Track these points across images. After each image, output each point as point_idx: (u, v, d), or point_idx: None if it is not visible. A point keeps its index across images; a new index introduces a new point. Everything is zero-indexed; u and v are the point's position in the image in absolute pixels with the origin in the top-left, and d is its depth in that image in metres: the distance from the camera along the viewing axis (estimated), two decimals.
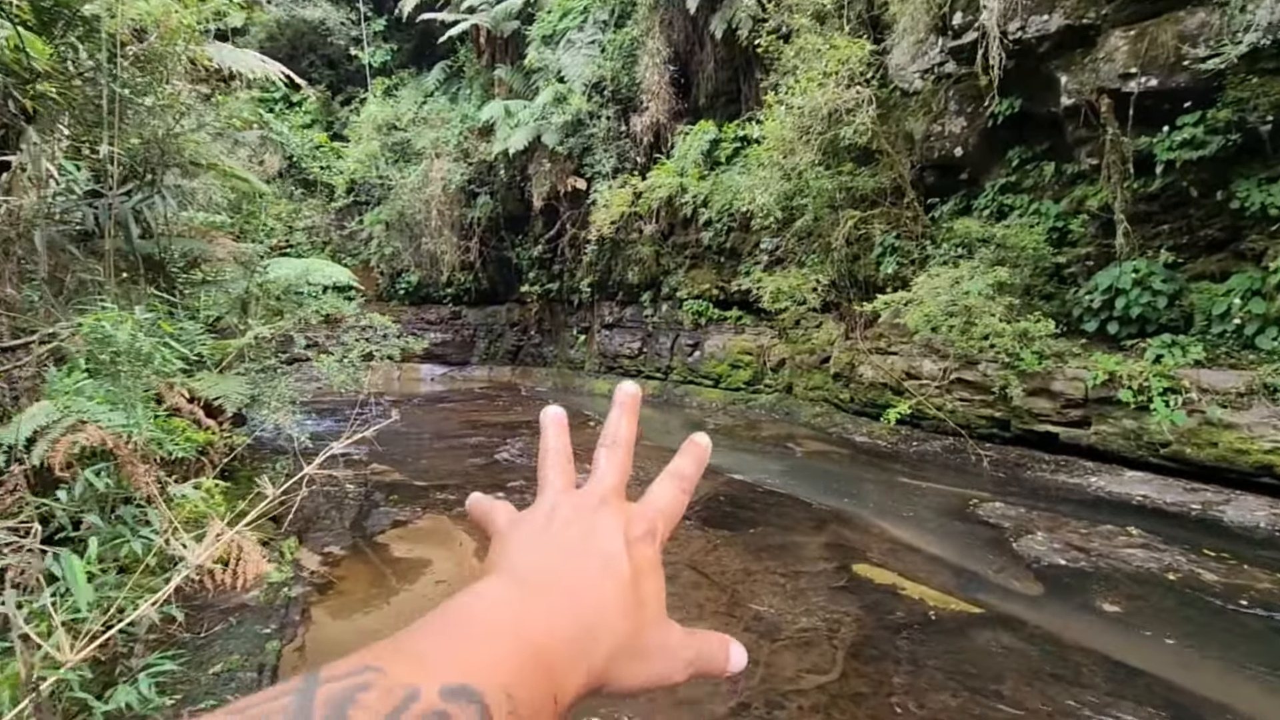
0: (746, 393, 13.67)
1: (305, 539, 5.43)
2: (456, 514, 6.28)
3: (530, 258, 17.47)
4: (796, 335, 13.00)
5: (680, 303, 14.95)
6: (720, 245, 14.06)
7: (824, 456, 9.04)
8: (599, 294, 16.58)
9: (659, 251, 15.06)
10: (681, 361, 14.83)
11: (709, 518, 6.16)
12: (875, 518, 6.20)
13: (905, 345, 10.05)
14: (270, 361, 5.76)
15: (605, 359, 16.54)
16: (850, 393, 11.07)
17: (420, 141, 17.33)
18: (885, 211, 9.90)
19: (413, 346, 7.74)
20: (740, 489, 7.25)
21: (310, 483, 6.96)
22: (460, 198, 17.15)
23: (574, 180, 15.31)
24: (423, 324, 19.83)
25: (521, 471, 8.02)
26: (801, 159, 8.96)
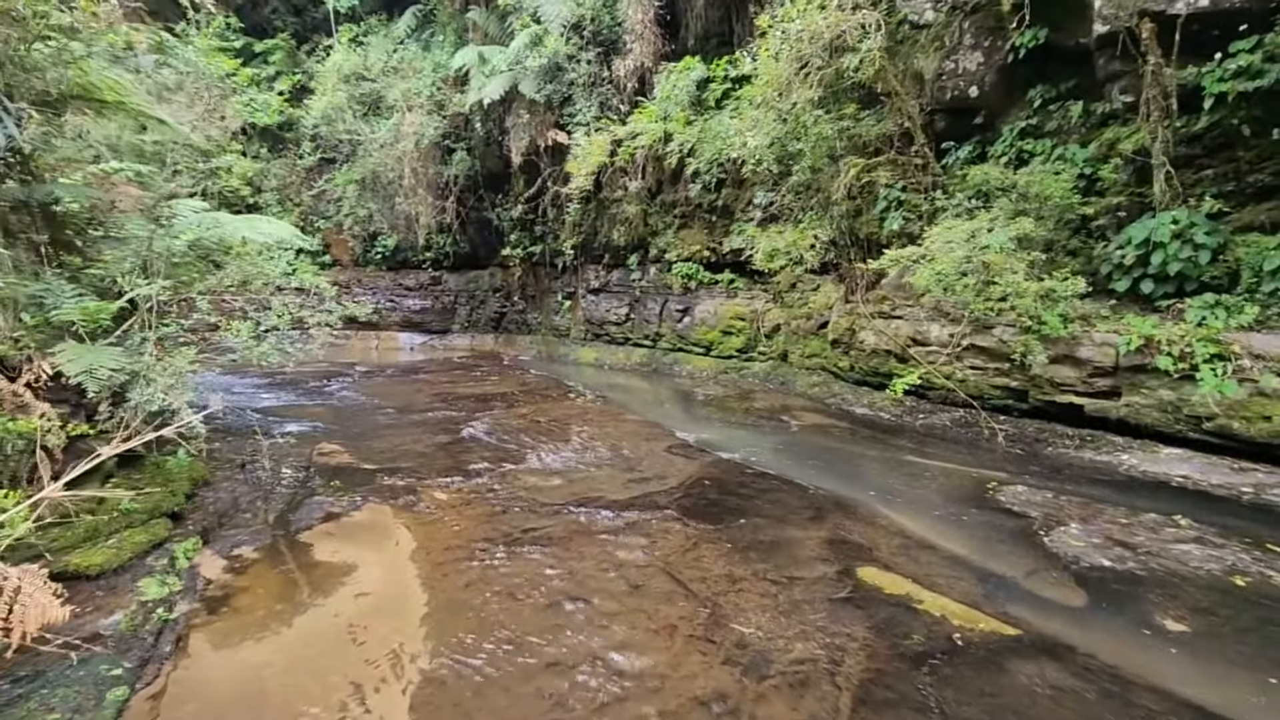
0: (739, 361, 12.83)
1: (213, 538, 4.61)
2: (402, 503, 5.47)
3: (511, 219, 16.44)
4: (792, 299, 12.12)
5: (669, 265, 14.02)
6: (711, 203, 13.07)
7: (822, 431, 8.24)
8: (583, 257, 15.61)
9: (646, 210, 14.05)
10: (671, 328, 13.96)
11: (691, 507, 5.36)
12: (881, 505, 5.41)
13: (911, 308, 9.18)
14: (168, 329, 4.85)
15: (591, 326, 15.65)
16: (850, 360, 10.24)
17: (391, 94, 16.13)
18: (891, 160, 8.92)
19: (354, 312, 6.84)
20: (728, 471, 6.44)
21: (241, 469, 6.14)
22: (435, 154, 16.03)
23: (554, 133, 14.20)
24: (401, 290, 18.87)
25: (485, 450, 7.20)
26: (799, 97, 7.96)
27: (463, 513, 5.29)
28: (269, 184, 18.51)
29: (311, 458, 6.87)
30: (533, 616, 3.61)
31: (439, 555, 4.46)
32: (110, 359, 3.86)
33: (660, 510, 5.29)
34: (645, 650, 3.26)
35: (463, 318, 18.56)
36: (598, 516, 5.16)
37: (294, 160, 18.07)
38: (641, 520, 5.06)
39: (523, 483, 6.07)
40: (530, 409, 9.66)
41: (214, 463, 6.18)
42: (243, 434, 7.63)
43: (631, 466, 6.63)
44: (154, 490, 4.68)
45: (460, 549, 4.54)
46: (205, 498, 5.16)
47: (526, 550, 4.51)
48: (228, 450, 6.76)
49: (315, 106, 16.15)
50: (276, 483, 5.97)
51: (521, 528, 4.93)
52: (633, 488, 5.92)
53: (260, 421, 8.53)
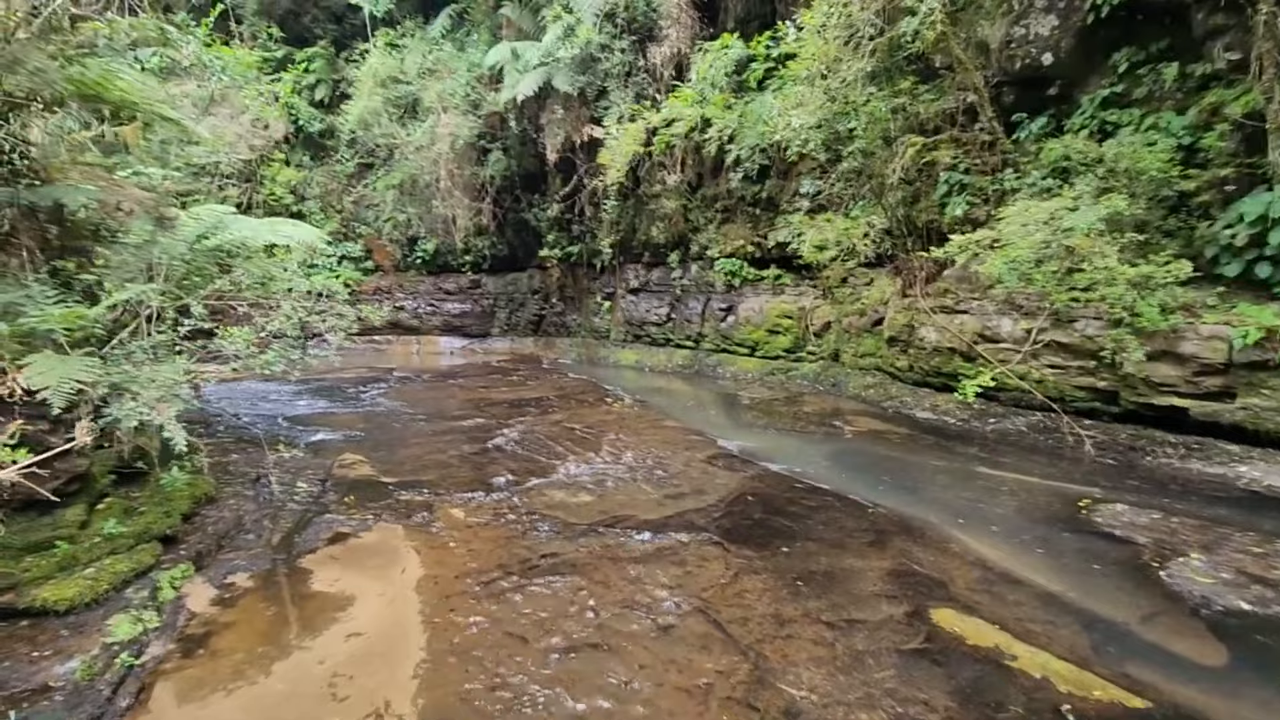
0: (786, 361, 12.10)
1: (207, 563, 4.24)
2: (415, 522, 5.03)
3: (548, 219, 16.06)
4: (843, 295, 11.33)
5: (711, 263, 13.38)
6: (754, 195, 12.38)
7: (879, 438, 7.49)
8: (622, 256, 15.10)
9: (686, 205, 13.45)
10: (713, 328, 13.31)
11: (733, 529, 4.74)
12: (953, 527, 4.68)
13: (978, 301, 8.32)
14: (160, 337, 4.51)
15: (631, 327, 15.12)
16: (909, 360, 9.41)
17: (427, 96, 15.95)
18: (954, 138, 8.08)
19: (371, 317, 6.45)
20: (775, 485, 5.79)
21: (254, 483, 5.81)
22: (471, 155, 15.78)
23: (589, 128, 13.74)
24: (441, 294, 18.73)
25: (511, 461, 6.73)
26: (849, 70, 7.22)
27: (479, 534, 4.80)
28: (311, 192, 18.62)
29: (331, 470, 6.52)
30: (544, 668, 3.07)
31: (447, 585, 3.97)
32: (82, 371, 3.50)
33: (698, 533, 4.69)
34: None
35: (502, 321, 18.29)
36: (627, 540, 4.60)
37: (335, 167, 18.13)
38: (676, 545, 4.48)
39: (548, 499, 5.56)
40: (564, 415, 9.19)
41: (226, 477, 5.88)
42: (266, 443, 7.37)
43: (668, 480, 6.05)
44: (148, 511, 4.34)
45: (472, 578, 4.05)
46: (207, 517, 4.81)
47: (545, 581, 3.98)
48: (244, 462, 6.47)
49: (352, 111, 16.10)
50: (289, 498, 5.61)
51: (541, 553, 4.41)
52: (668, 505, 5.34)
53: (287, 430, 8.28)
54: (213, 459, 6.52)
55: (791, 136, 8.20)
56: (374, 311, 6.43)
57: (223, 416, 8.76)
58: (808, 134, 7.96)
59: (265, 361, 5.15)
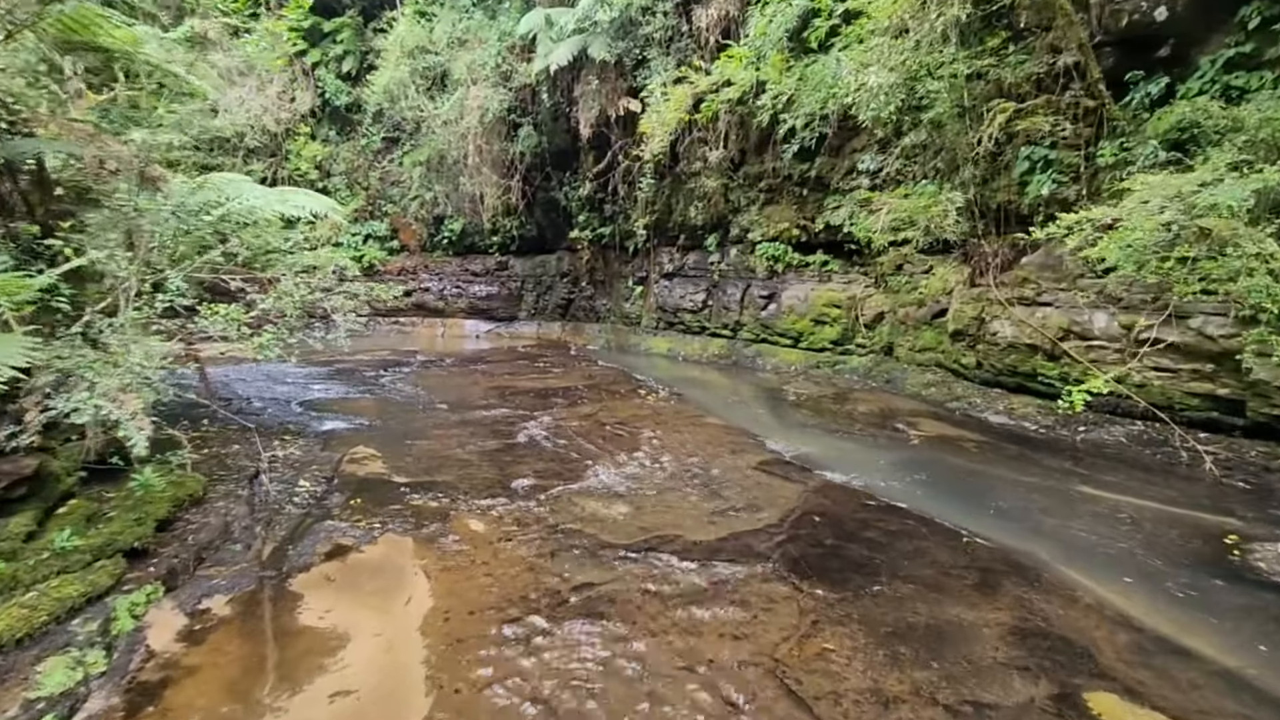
0: (833, 354, 11.20)
1: (181, 583, 3.59)
2: (427, 534, 4.33)
3: (579, 198, 15.27)
4: (898, 283, 10.40)
5: (752, 246, 12.49)
6: (802, 174, 11.45)
7: (951, 445, 6.62)
8: (657, 238, 14.27)
9: (727, 184, 12.55)
10: (753, 316, 12.44)
11: (800, 559, 3.96)
12: (1074, 568, 3.83)
13: (1066, 292, 7.37)
14: (133, 315, 3.84)
15: (664, 313, 14.31)
16: (977, 356, 8.48)
17: (456, 67, 15.21)
18: (1051, 104, 7.07)
19: (383, 295, 5.75)
20: (842, 501, 4.99)
21: (251, 480, 5.17)
22: (500, 130, 15.02)
23: (626, 101, 12.88)
24: (468, 276, 18.10)
25: (538, 461, 6.02)
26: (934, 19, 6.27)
27: (499, 553, 4.09)
28: (337, 167, 18.09)
29: (339, 465, 5.87)
30: None
31: (460, 625, 3.26)
32: (20, 352, 2.83)
33: (758, 561, 3.92)
34: None
35: (529, 304, 17.60)
36: (674, 569, 3.84)
37: (361, 142, 17.53)
38: (734, 579, 3.71)
39: (579, 509, 4.82)
40: (595, 408, 8.46)
41: (221, 472, 5.24)
42: (273, 432, 6.76)
43: (715, 490, 5.27)
44: (117, 517, 3.70)
45: (490, 616, 3.33)
46: (189, 523, 4.17)
47: (576, 625, 3.24)
48: (245, 454, 5.85)
49: (377, 82, 15.42)
50: (288, 499, 4.96)
51: (572, 582, 3.68)
52: (718, 523, 4.57)
53: (297, 418, 7.68)
54: (210, 450, 5.93)
55: (865, 99, 7.24)
56: (386, 290, 5.73)
57: (232, 401, 8.19)
58: (886, 94, 6.98)
59: (259, 345, 4.46)
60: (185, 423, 6.54)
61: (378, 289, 5.69)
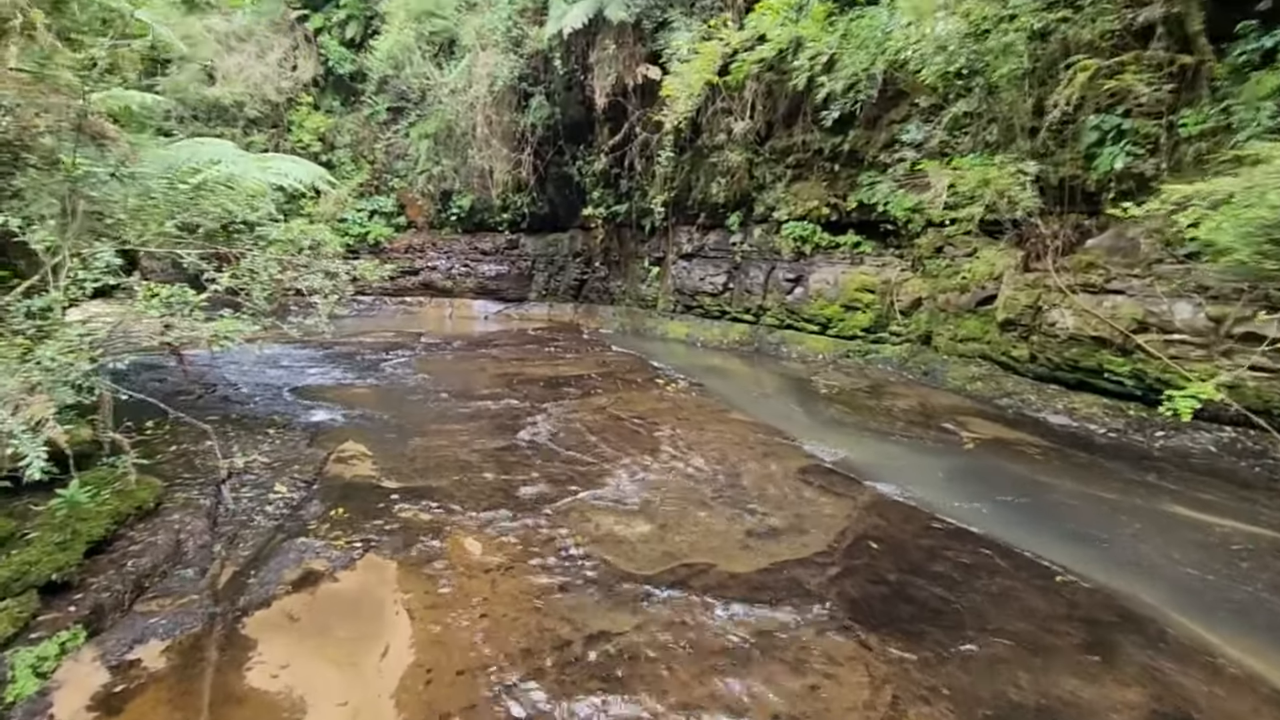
0: (865, 342, 10.43)
1: (111, 623, 2.96)
2: (415, 558, 3.68)
3: (594, 173, 14.44)
4: (938, 266, 9.58)
5: (778, 226, 11.67)
6: (833, 148, 10.60)
7: (1011, 451, 5.88)
8: (675, 216, 13.45)
9: (752, 159, 11.72)
10: (778, 301, 11.66)
11: (862, 601, 3.27)
12: (1204, 624, 3.12)
13: (1140, 279, 6.56)
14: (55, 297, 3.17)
15: (682, 296, 13.54)
16: (1030, 348, 7.69)
17: (464, 32, 14.36)
18: (1141, 59, 6.20)
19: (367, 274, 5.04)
20: (901, 522, 4.28)
21: (220, 485, 4.53)
22: (510, 99, 14.19)
23: (645, 68, 12.01)
24: (477, 254, 17.37)
25: (547, 464, 5.35)
26: None
27: (498, 585, 3.43)
28: (341, 140, 17.35)
29: (323, 465, 5.23)
30: None
31: (443, 690, 2.61)
32: None
33: (811, 603, 3.23)
34: None
35: (540, 285, 16.88)
36: (708, 613, 3.17)
37: (366, 113, 16.76)
38: (784, 628, 3.03)
39: (593, 527, 4.15)
40: (609, 399, 7.77)
41: (189, 475, 4.62)
42: (255, 425, 6.14)
43: (749, 504, 4.58)
44: (37, 541, 3.07)
45: (479, 680, 2.67)
46: (133, 542, 3.54)
47: (590, 690, 2.58)
48: (219, 451, 5.23)
49: (381, 47, 14.61)
50: (259, 508, 4.33)
51: (585, 630, 3.02)
52: (757, 549, 3.88)
53: (285, 407, 7.06)
54: (179, 448, 5.29)
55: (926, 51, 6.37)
56: (372, 269, 5.03)
57: (216, 388, 7.59)
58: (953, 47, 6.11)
59: (213, 335, 3.78)
60: (154, 416, 5.93)
61: (362, 267, 4.99)
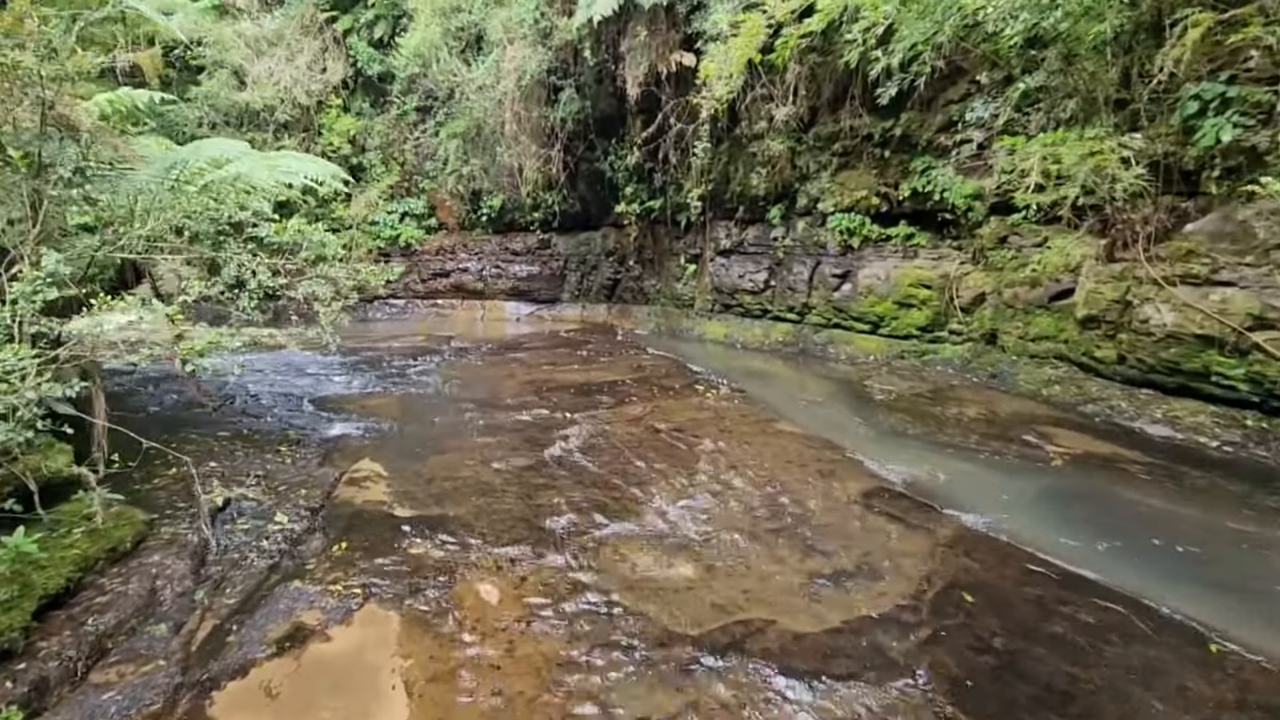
0: (921, 342, 9.63)
1: (56, 699, 2.48)
2: (422, 610, 3.14)
3: (626, 168, 13.87)
4: (1002, 258, 8.74)
5: (823, 218, 10.93)
6: (884, 133, 9.83)
7: (1108, 468, 5.09)
8: (712, 211, 12.78)
9: (795, 148, 11.00)
10: (824, 298, 10.91)
11: (963, 674, 2.60)
12: None
13: (1255, 269, 5.70)
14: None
15: (720, 295, 12.87)
16: (1119, 348, 6.84)
17: (492, 27, 13.92)
18: (1265, 10, 5.33)
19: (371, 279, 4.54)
20: (995, 565, 3.58)
21: (216, 513, 4.07)
22: (539, 94, 13.70)
23: (679, 55, 11.39)
24: (508, 255, 16.97)
25: (575, 487, 4.78)
26: None
27: (516, 647, 2.86)
28: (372, 142, 17.11)
29: (332, 489, 4.76)
30: None
31: None
32: None
33: (898, 677, 2.59)
34: None
35: (573, 285, 16.39)
36: (772, 693, 2.54)
37: (395, 113, 16.48)
38: (870, 716, 2.39)
39: (628, 569, 3.57)
40: (645, 408, 7.18)
41: (182, 503, 4.17)
42: (269, 441, 5.73)
43: (810, 538, 3.93)
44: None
45: None
46: (100, 592, 3.08)
47: None
48: (224, 472, 4.79)
49: (407, 45, 14.25)
50: (254, 544, 3.85)
51: (626, 714, 2.43)
52: (825, 598, 3.24)
53: (303, 420, 6.65)
54: (178, 472, 4.86)
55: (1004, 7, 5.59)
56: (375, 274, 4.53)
57: (234, 399, 7.24)
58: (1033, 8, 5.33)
59: (187, 351, 3.30)
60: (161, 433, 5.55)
61: (366, 272, 4.50)
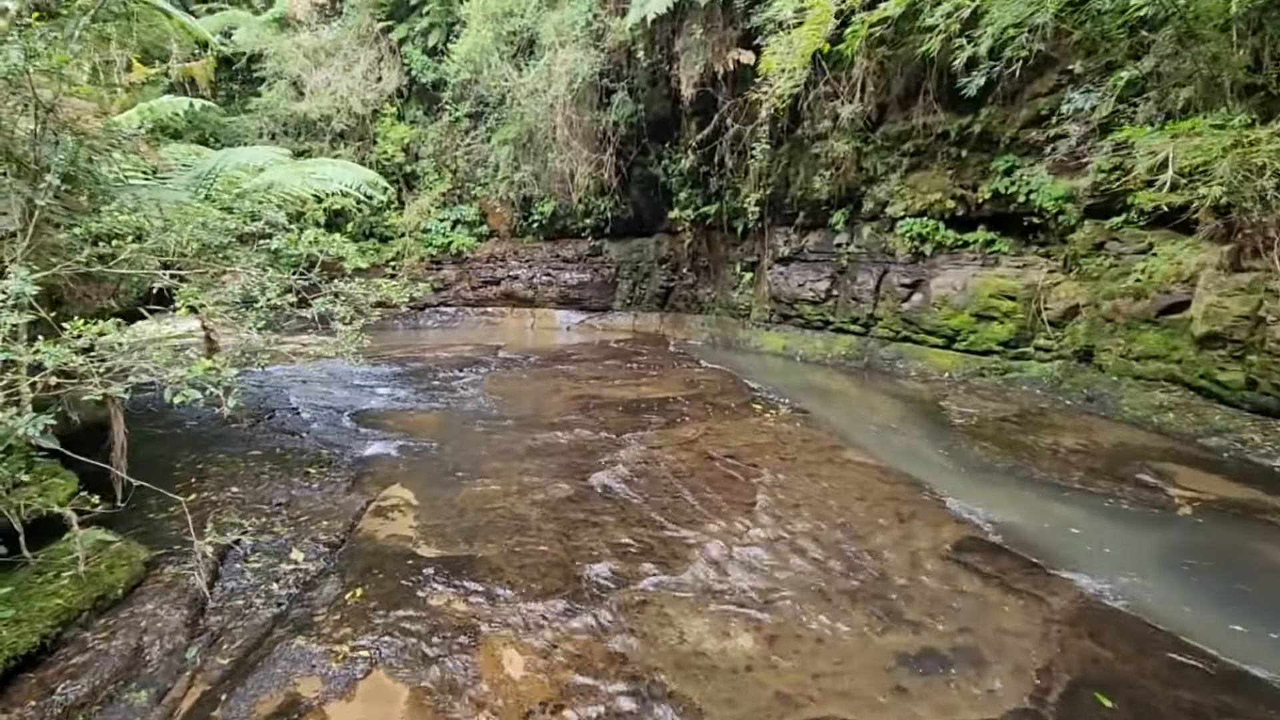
0: (1003, 358, 8.76)
1: None
2: (433, 682, 2.69)
3: (680, 172, 13.37)
4: (1098, 266, 7.85)
5: (891, 223, 10.16)
6: (961, 130, 9.04)
7: (1249, 517, 4.26)
8: (770, 216, 12.15)
9: (861, 148, 10.28)
10: (892, 309, 10.13)
11: None
12: None
13: None
14: None
15: (779, 304, 12.20)
16: (1249, 371, 5.92)
17: (544, 30, 13.66)
18: None
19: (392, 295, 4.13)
20: (1133, 654, 2.88)
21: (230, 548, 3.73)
22: (591, 97, 13.35)
23: (736, 52, 10.81)
24: (559, 262, 16.70)
25: (618, 526, 4.28)
26: None
27: None
28: (425, 150, 17.14)
29: (356, 521, 4.40)
30: None
31: None
32: None
33: None
34: None
35: (624, 293, 15.98)
36: None
37: (446, 120, 16.45)
38: None
39: (675, 638, 3.03)
40: (698, 429, 6.64)
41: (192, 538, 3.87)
42: (300, 462, 5.45)
43: (892, 603, 3.32)
44: None
45: None
46: (80, 649, 2.74)
47: None
48: (245, 499, 4.50)
49: (458, 50, 14.12)
50: (261, 587, 3.49)
51: None
52: (916, 694, 2.63)
53: (340, 436, 6.39)
54: (199, 497, 4.62)
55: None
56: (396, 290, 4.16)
57: (274, 414, 7.05)
58: None
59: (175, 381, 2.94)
60: (190, 453, 5.33)
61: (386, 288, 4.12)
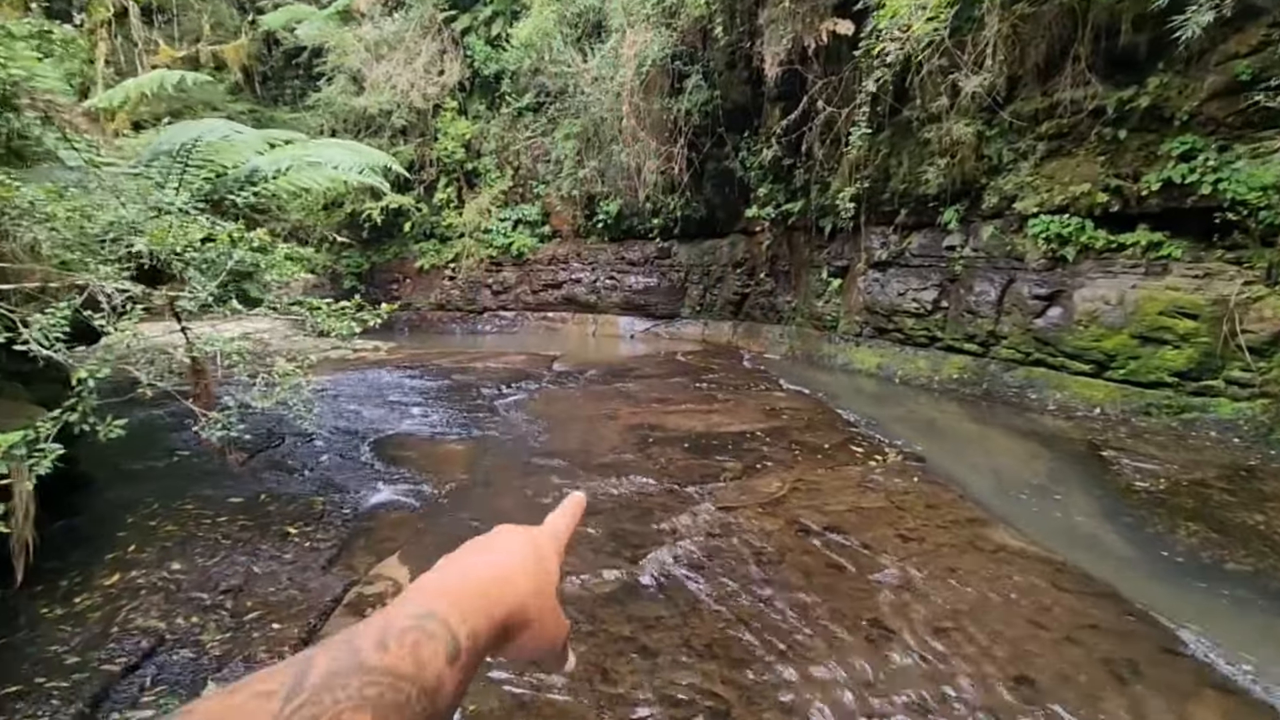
0: (1179, 393, 6.87)
1: None
2: None
3: (760, 165, 11.87)
4: None
5: (1021, 221, 8.38)
6: (1122, 104, 7.26)
7: None
8: (865, 214, 10.47)
9: (984, 132, 8.55)
10: (1019, 325, 8.33)
11: None
12: None
13: None
14: None
15: (873, 316, 10.51)
16: None
17: (611, 11, 12.48)
18: None
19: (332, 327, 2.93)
20: None
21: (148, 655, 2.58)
22: (661, 83, 12.07)
23: (831, 23, 9.27)
24: (624, 265, 15.51)
25: (681, 645, 2.93)
26: None
27: None
28: (487, 146, 16.30)
29: (326, 618, 3.22)
30: None
31: None
32: None
33: None
34: None
35: (694, 299, 14.61)
36: None
37: (507, 112, 15.53)
38: None
39: None
40: (784, 481, 5.20)
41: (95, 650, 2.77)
42: (283, 516, 4.36)
43: None
44: None
45: None
46: None
47: None
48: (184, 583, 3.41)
49: (519, 35, 13.11)
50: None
51: None
52: None
53: (351, 474, 5.31)
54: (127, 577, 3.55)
55: None
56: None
57: (283, 439, 6.06)
58: None
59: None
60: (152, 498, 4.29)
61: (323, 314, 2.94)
